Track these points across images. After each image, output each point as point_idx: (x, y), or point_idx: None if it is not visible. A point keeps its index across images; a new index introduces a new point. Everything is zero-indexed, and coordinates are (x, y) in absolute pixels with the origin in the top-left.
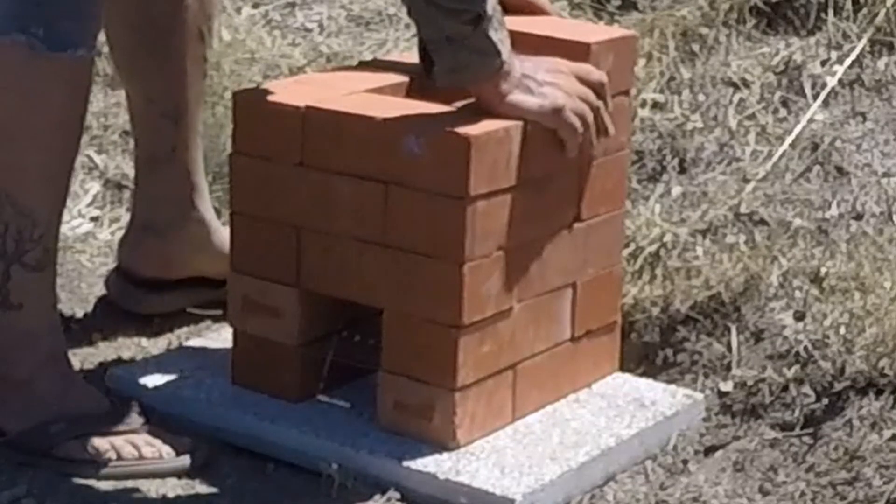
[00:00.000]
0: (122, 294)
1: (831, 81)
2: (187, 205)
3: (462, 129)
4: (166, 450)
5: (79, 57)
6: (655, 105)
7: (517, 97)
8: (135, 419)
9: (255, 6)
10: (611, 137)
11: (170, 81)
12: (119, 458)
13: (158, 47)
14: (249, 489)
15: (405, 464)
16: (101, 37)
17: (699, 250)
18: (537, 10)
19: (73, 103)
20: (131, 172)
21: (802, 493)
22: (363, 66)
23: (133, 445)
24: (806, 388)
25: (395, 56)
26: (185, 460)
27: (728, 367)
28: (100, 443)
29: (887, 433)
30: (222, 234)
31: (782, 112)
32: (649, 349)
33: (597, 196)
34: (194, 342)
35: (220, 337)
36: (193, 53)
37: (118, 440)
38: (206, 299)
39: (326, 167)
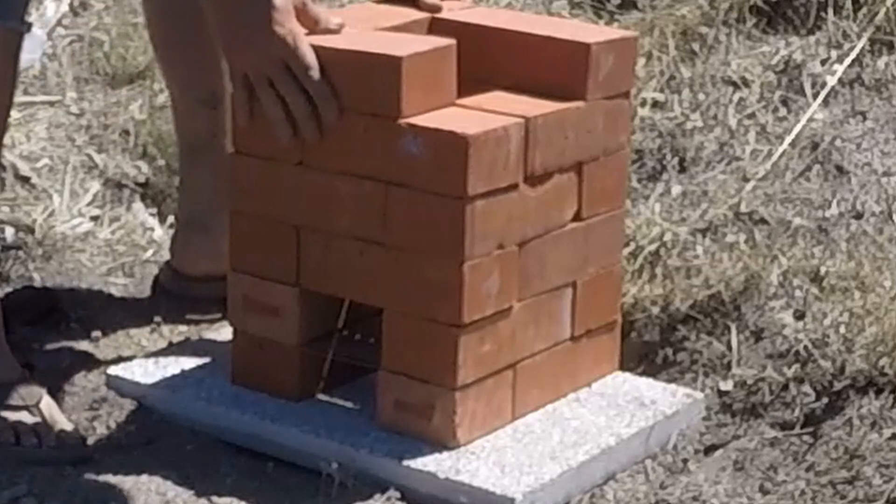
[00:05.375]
0: (175, 284)
1: (831, 80)
2: None
3: (460, 129)
4: (48, 440)
5: (10, 28)
6: (655, 104)
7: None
8: (32, 394)
9: None
10: (610, 137)
11: (204, 68)
12: None
13: (193, 34)
14: (249, 489)
15: (405, 463)
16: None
17: (699, 249)
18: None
19: (4, 68)
20: (131, 172)
21: (802, 493)
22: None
23: (13, 429)
24: (806, 388)
25: None
26: (62, 454)
27: (728, 367)
28: None
29: (887, 432)
30: None
31: (782, 111)
32: (649, 348)
33: (597, 195)
34: (194, 342)
35: (219, 336)
36: None
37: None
38: None
39: (326, 167)
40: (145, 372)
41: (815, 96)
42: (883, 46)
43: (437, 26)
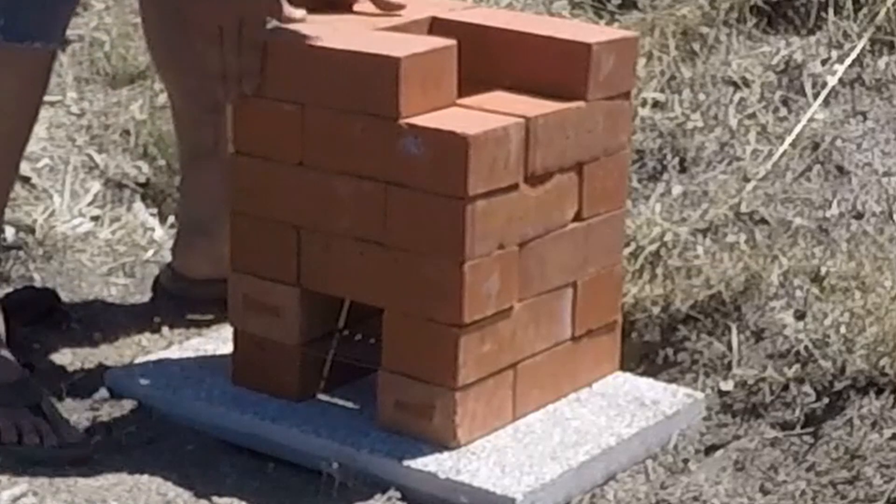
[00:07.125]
0: (175, 285)
1: (832, 80)
2: None
3: (460, 129)
4: (49, 440)
5: (35, 49)
6: (656, 104)
7: None
8: (33, 394)
9: None
10: (610, 137)
11: (206, 74)
12: None
13: (192, 40)
14: (249, 488)
15: (406, 463)
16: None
17: (700, 249)
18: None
19: (24, 93)
20: (132, 172)
21: (803, 493)
22: None
23: (16, 428)
24: (806, 388)
25: None
26: (63, 453)
27: (728, 367)
28: None
29: (888, 432)
30: None
31: (783, 111)
32: (650, 348)
33: (597, 195)
34: (194, 342)
35: (220, 337)
36: None
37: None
38: None
39: (326, 167)
40: (145, 372)
41: (815, 96)
42: (883, 46)
43: (437, 26)
